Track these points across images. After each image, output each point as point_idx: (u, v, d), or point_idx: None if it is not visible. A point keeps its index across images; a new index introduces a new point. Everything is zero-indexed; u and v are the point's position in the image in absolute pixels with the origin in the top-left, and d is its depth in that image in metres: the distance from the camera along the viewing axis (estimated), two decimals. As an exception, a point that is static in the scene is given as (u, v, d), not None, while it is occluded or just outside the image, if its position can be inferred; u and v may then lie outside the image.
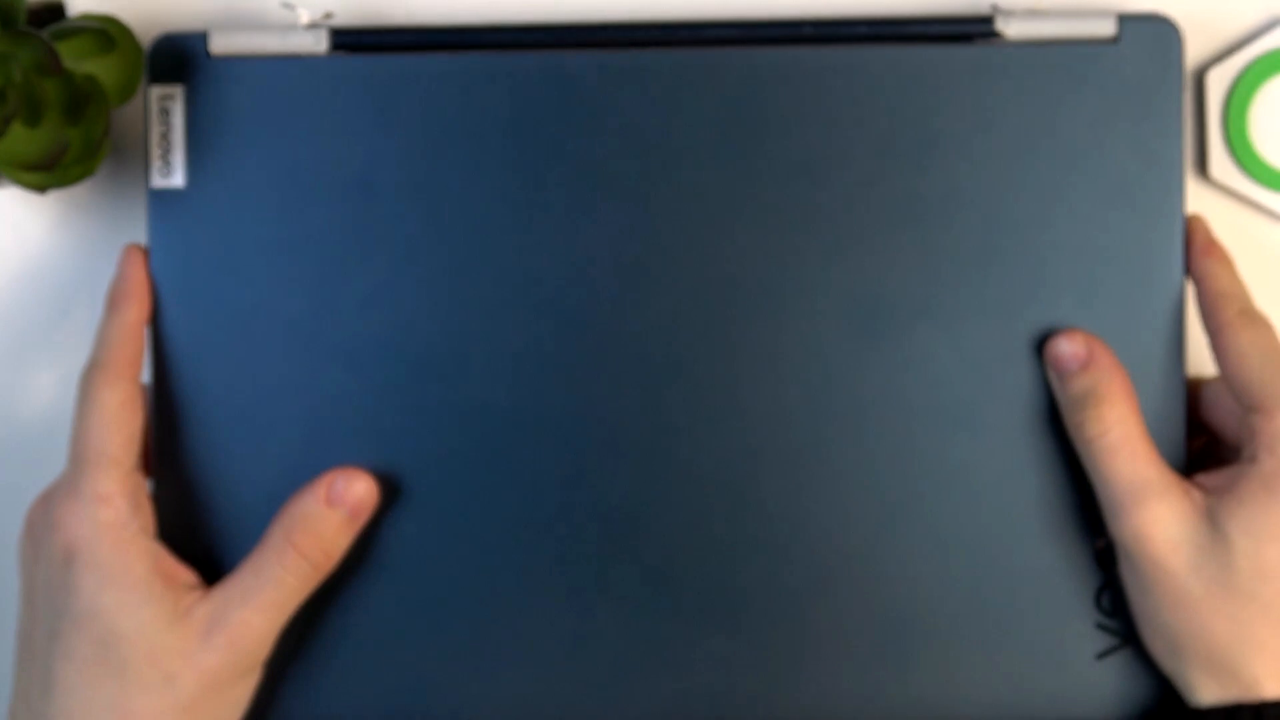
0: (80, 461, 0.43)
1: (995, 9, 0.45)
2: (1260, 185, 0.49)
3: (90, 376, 0.44)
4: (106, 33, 0.45)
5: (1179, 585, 0.40)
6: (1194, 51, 0.49)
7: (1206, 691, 0.40)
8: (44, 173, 0.44)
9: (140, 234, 0.48)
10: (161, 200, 0.45)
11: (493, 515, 0.45)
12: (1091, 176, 0.44)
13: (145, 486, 0.45)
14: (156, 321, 0.46)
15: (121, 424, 0.43)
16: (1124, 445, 0.41)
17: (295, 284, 0.45)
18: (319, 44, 0.45)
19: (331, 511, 0.43)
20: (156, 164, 0.45)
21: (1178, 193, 0.45)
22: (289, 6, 0.46)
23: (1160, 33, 0.44)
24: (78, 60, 0.45)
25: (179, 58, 0.45)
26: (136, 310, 0.45)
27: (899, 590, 0.44)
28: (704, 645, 0.44)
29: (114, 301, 0.45)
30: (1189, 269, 0.45)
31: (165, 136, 0.45)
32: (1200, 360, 0.47)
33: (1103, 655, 0.44)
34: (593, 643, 0.45)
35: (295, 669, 0.45)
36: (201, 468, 0.46)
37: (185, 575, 0.44)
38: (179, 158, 0.45)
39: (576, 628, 0.45)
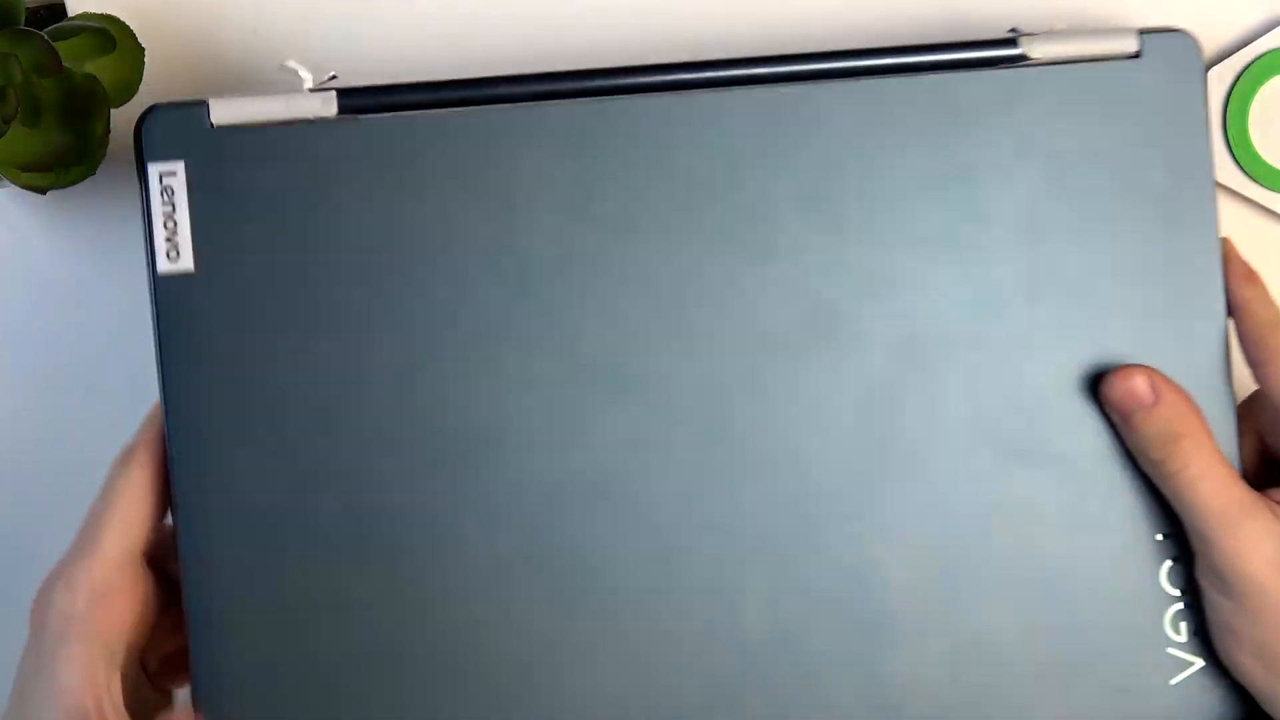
0: (76, 536, 0.42)
1: (1016, 31, 0.44)
2: (1260, 185, 0.49)
3: (117, 458, 0.43)
4: (106, 33, 0.45)
5: (1278, 602, 0.40)
6: (1194, 51, 0.49)
7: None
8: (44, 173, 0.44)
9: (136, 236, 0.48)
10: (169, 286, 0.42)
11: (536, 601, 0.42)
12: (1126, 196, 0.43)
13: (139, 579, 0.42)
14: (169, 415, 0.43)
15: (123, 510, 0.42)
16: (1209, 473, 0.41)
17: (318, 365, 0.42)
18: (328, 108, 0.42)
19: None
20: (162, 248, 0.41)
21: (1211, 207, 0.43)
22: (289, 70, 0.42)
23: (1182, 46, 0.43)
24: (78, 60, 0.44)
25: (176, 130, 0.42)
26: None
27: (970, 631, 0.43)
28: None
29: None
30: (1228, 296, 0.44)
31: (170, 217, 0.41)
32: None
33: (1179, 679, 0.43)
34: None
35: None
36: (224, 561, 0.42)
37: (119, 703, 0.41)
38: (186, 239, 0.42)
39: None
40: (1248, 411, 0.45)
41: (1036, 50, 0.43)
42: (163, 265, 0.41)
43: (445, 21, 0.50)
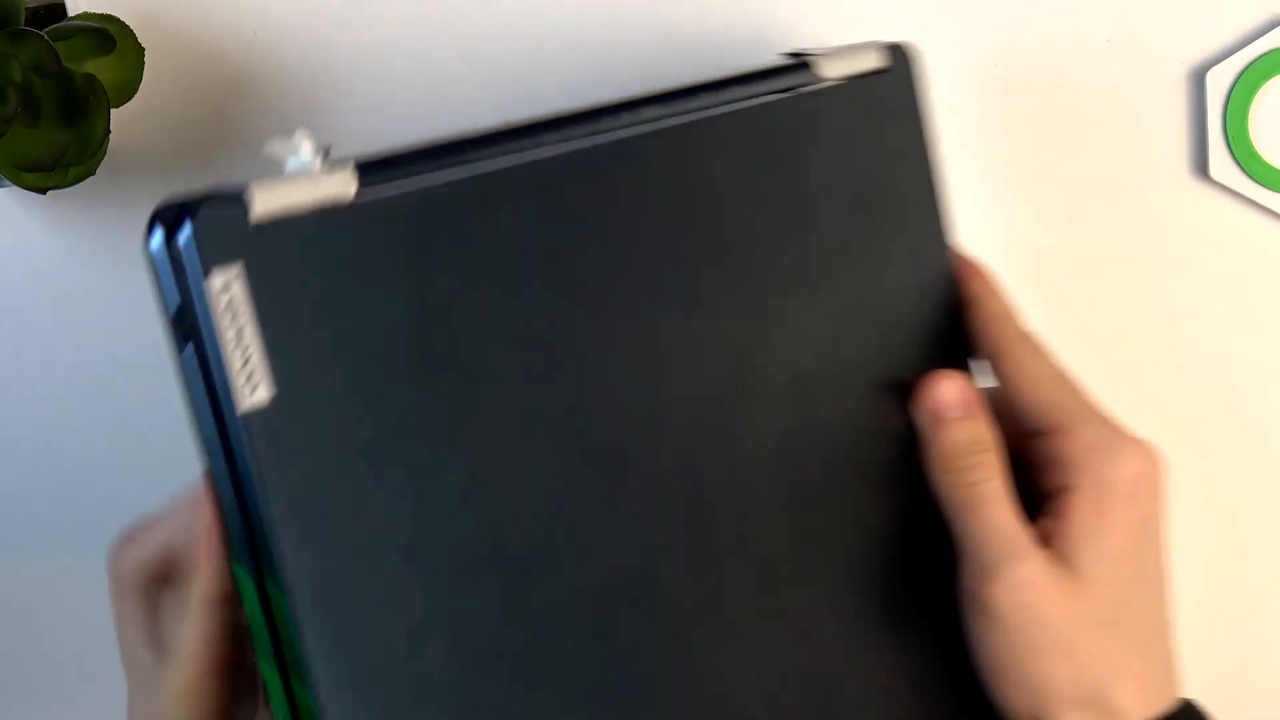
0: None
1: (801, 54, 0.43)
2: (1260, 185, 0.49)
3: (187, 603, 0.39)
4: (106, 33, 0.45)
5: (1054, 633, 0.39)
6: (1194, 51, 0.49)
7: None
8: (44, 173, 0.44)
9: (136, 236, 0.48)
10: (256, 423, 0.33)
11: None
12: (886, 207, 0.43)
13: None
14: (289, 571, 0.35)
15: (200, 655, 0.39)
16: (1001, 494, 0.39)
17: (402, 484, 0.36)
18: (347, 186, 0.35)
19: None
20: (241, 379, 0.33)
21: (937, 205, 0.43)
22: (286, 144, 0.36)
23: (911, 58, 0.43)
24: (78, 60, 0.44)
25: (220, 231, 0.33)
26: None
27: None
28: None
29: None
30: (960, 292, 0.44)
31: (240, 337, 0.33)
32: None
33: None
34: None
35: None
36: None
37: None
38: (260, 364, 0.33)
39: None
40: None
41: (827, 69, 0.42)
42: (244, 402, 0.33)
43: (445, 22, 0.50)
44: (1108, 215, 0.50)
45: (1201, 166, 0.50)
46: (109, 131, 0.44)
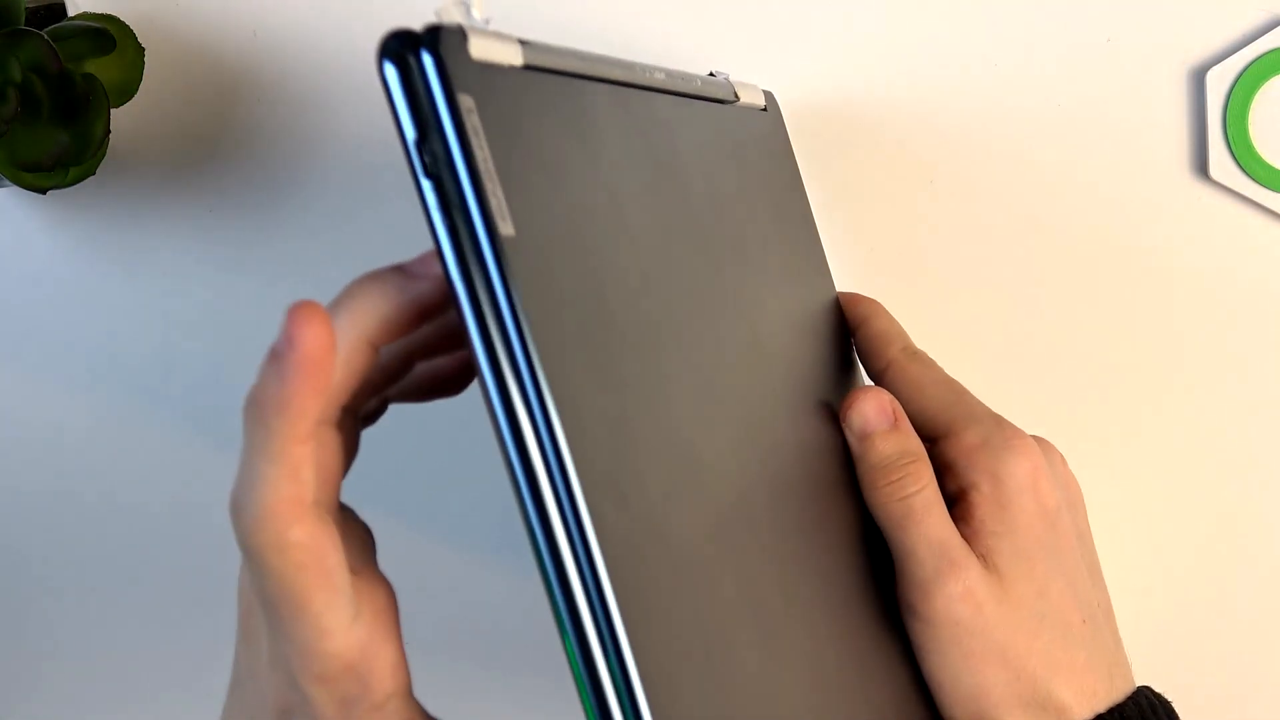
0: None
1: (710, 74, 0.45)
2: (1260, 185, 0.49)
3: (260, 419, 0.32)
4: (106, 33, 0.45)
5: (990, 641, 0.39)
6: (1194, 51, 0.49)
7: None
8: (44, 173, 0.44)
9: (136, 237, 0.48)
10: (511, 251, 0.31)
11: None
12: (793, 226, 0.44)
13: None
14: (564, 417, 0.31)
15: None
16: (933, 505, 0.40)
17: (657, 336, 0.35)
18: (517, 56, 0.34)
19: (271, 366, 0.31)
20: (493, 203, 0.31)
21: (812, 235, 0.46)
22: (461, 3, 0.34)
23: (777, 105, 0.46)
24: (78, 60, 0.44)
25: (451, 62, 0.31)
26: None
27: None
28: None
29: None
30: (845, 316, 0.45)
31: (485, 164, 0.31)
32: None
33: None
34: None
35: None
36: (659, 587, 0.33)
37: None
38: (501, 195, 0.32)
39: None
40: None
41: (741, 94, 0.45)
42: (503, 228, 0.31)
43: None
44: (1108, 215, 0.50)
45: (1201, 166, 0.50)
46: (109, 131, 0.44)
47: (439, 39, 0.31)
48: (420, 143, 0.31)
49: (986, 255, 0.51)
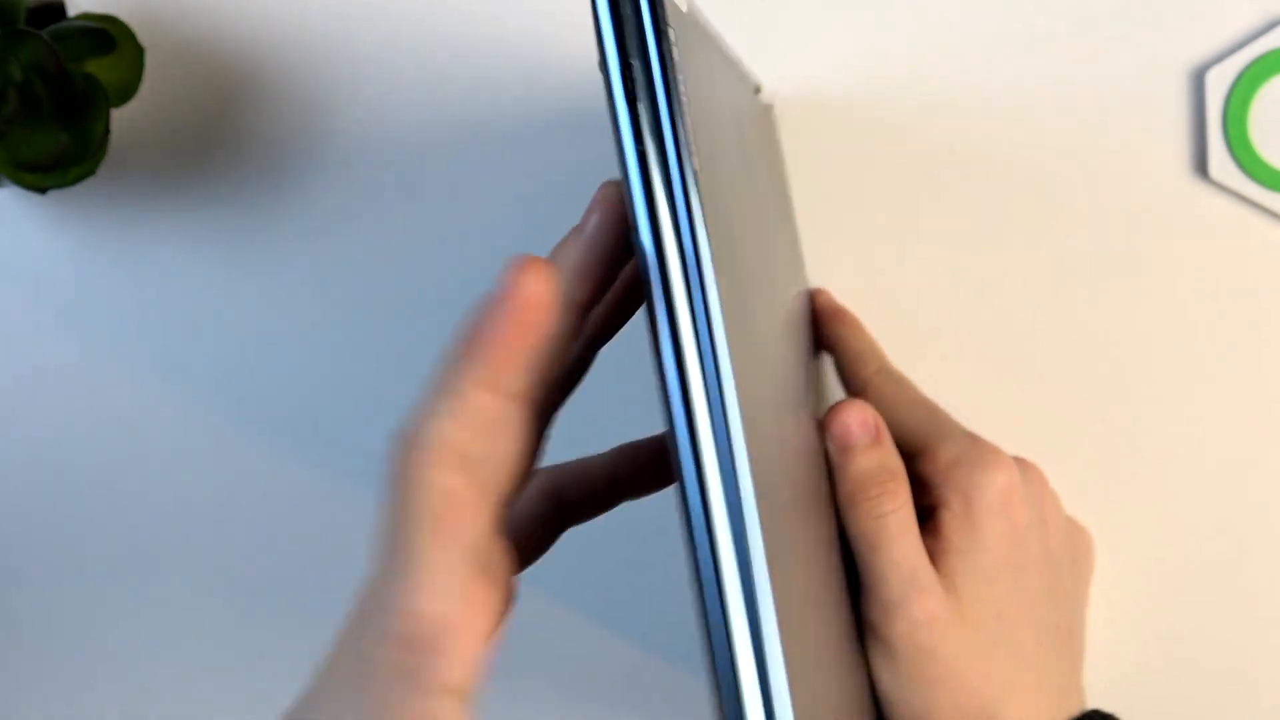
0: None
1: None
2: (1260, 185, 0.49)
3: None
4: (106, 33, 0.45)
5: (945, 667, 0.38)
6: (1194, 51, 0.49)
7: None
8: (44, 173, 0.44)
9: (136, 237, 0.48)
10: (700, 183, 0.31)
11: None
12: (791, 227, 0.46)
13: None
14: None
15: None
16: (906, 526, 0.39)
17: None
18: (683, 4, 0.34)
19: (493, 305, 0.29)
20: (690, 135, 0.31)
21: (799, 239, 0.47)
22: None
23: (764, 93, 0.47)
24: (78, 60, 0.45)
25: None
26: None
27: None
28: None
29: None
30: (821, 335, 0.45)
31: (685, 98, 0.31)
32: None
33: None
34: None
35: None
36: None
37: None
38: (691, 126, 0.32)
39: None
40: None
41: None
42: (696, 161, 0.31)
43: (444, 22, 0.50)
44: (1107, 215, 0.50)
45: (1201, 166, 0.50)
46: (109, 131, 0.44)
47: None
48: (624, 69, 0.31)
49: (985, 255, 0.51)
